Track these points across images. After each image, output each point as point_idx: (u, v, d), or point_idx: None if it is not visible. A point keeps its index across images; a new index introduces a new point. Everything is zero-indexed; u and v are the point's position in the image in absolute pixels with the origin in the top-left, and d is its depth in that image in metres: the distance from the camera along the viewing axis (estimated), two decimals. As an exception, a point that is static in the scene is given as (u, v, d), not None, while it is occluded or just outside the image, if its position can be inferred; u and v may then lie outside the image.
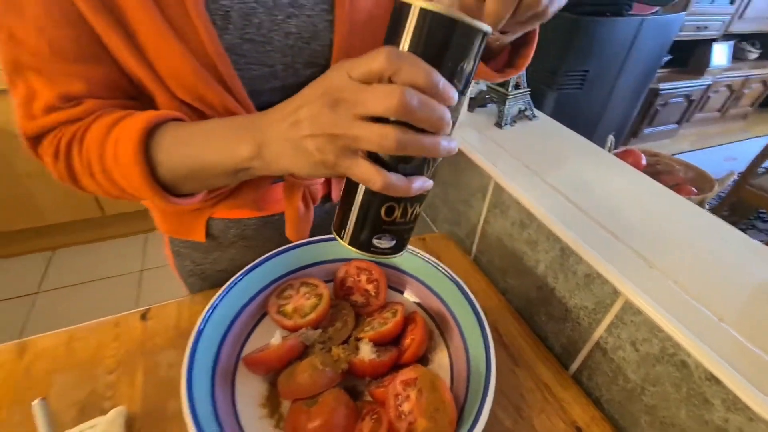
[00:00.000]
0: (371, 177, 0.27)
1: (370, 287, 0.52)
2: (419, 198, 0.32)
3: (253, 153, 0.32)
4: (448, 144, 0.28)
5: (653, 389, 0.43)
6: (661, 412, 0.43)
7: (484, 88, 0.78)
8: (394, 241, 0.32)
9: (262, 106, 0.46)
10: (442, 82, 0.26)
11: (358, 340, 0.46)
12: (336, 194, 0.62)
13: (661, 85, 2.62)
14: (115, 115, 0.37)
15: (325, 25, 0.46)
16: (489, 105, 0.81)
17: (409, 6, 0.25)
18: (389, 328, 0.46)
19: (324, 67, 0.48)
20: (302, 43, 0.45)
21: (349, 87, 0.27)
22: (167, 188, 0.37)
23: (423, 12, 0.24)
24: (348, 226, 0.32)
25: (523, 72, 0.71)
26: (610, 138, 0.90)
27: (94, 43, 0.36)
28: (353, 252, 0.32)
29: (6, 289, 1.53)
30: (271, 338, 0.46)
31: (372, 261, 0.31)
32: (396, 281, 0.55)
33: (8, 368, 0.47)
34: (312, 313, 0.47)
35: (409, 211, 0.32)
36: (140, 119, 0.35)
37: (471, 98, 0.78)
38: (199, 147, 0.35)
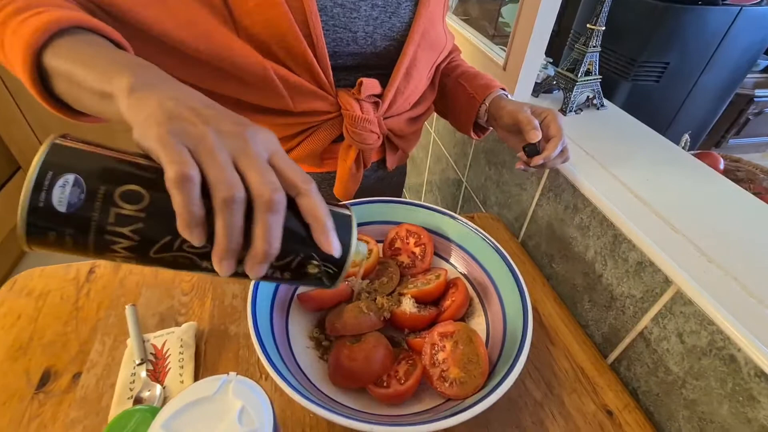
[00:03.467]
0: (175, 161, 0.22)
1: (417, 250, 0.55)
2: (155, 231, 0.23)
3: (127, 86, 0.27)
4: (218, 262, 0.23)
5: (695, 383, 0.42)
6: (701, 407, 0.42)
7: (552, 73, 0.76)
8: (78, 197, 0.21)
9: (339, 68, 0.51)
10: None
11: (402, 295, 0.49)
12: (391, 163, 0.66)
13: (757, 92, 2.34)
14: (65, 2, 0.35)
15: (408, 5, 0.50)
16: (555, 91, 0.80)
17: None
18: (431, 288, 0.49)
19: (399, 42, 0.52)
20: (385, 16, 0.49)
21: (264, 145, 0.25)
22: (49, 83, 0.33)
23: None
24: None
25: (595, 57, 0.70)
26: (686, 137, 0.84)
27: None
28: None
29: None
30: (323, 282, 0.50)
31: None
32: (443, 249, 0.57)
33: (107, 279, 0.56)
34: (362, 264, 0.51)
35: (119, 227, 0.22)
36: (65, 16, 0.32)
37: (536, 83, 0.77)
38: (89, 54, 0.31)
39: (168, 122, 0.23)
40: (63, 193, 0.20)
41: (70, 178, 0.20)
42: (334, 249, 0.25)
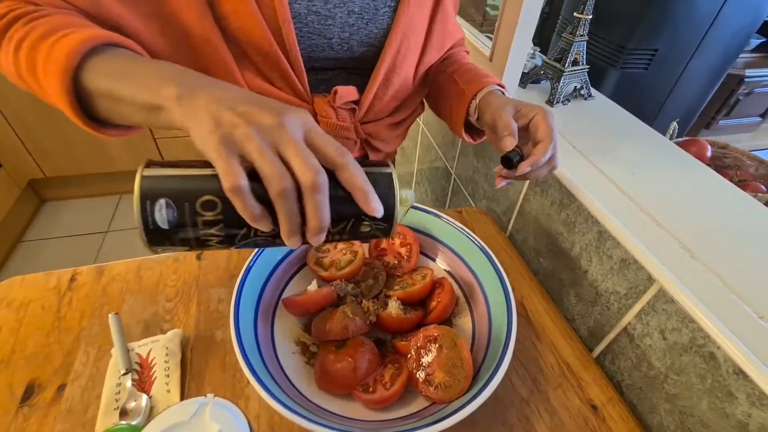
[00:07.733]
0: (228, 173, 0.25)
1: (403, 250, 0.54)
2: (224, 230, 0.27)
3: (175, 95, 0.28)
4: (287, 239, 0.27)
5: (677, 378, 0.43)
6: (681, 401, 0.43)
7: (540, 62, 0.75)
8: (173, 213, 0.26)
9: (316, 69, 0.49)
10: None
11: (388, 297, 0.49)
12: (374, 158, 0.65)
13: (748, 72, 2.32)
14: (82, 21, 0.36)
15: (386, 11, 0.48)
16: (543, 81, 0.78)
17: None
18: (417, 289, 0.49)
19: (377, 48, 0.51)
20: (361, 22, 0.48)
21: (300, 128, 0.27)
22: (86, 103, 0.34)
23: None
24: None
25: (582, 46, 0.68)
26: (673, 125, 0.84)
27: None
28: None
29: (82, 226, 1.73)
30: (308, 286, 0.50)
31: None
32: (429, 248, 0.57)
33: (89, 287, 0.55)
34: (347, 267, 0.51)
35: (207, 229, 0.27)
36: (94, 34, 0.33)
37: (524, 73, 0.75)
38: (127, 70, 0.32)
39: (217, 129, 0.26)
40: (161, 214, 0.25)
41: (163, 202, 0.25)
42: (377, 211, 0.28)
